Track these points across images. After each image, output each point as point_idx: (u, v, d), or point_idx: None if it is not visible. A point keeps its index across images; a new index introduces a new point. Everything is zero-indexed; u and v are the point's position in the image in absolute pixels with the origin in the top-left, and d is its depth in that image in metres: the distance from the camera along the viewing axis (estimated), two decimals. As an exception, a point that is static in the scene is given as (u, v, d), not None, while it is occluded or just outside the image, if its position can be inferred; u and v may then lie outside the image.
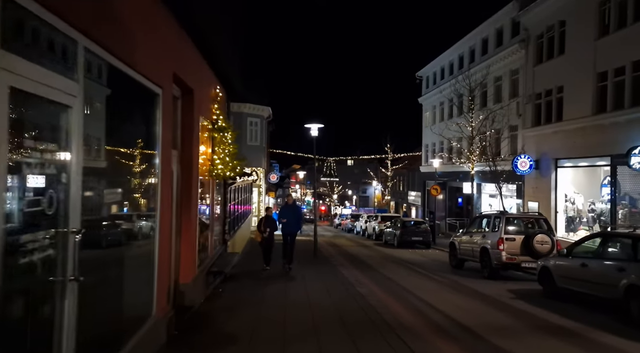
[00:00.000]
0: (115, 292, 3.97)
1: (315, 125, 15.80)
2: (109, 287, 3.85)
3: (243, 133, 31.38)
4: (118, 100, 4.02)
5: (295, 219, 12.41)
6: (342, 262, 15.64)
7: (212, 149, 8.50)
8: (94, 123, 3.49)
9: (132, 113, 4.60)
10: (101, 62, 3.59)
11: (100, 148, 3.76)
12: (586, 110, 18.49)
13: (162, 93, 4.97)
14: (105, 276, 3.79)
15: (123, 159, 4.22)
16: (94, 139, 3.56)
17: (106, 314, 3.77)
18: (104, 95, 3.77)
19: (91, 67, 3.40)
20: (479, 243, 12.47)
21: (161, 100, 4.97)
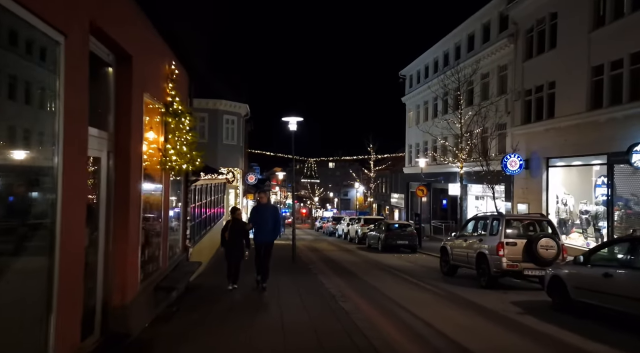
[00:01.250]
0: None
1: (293, 119, 14.38)
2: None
3: (219, 131, 29.78)
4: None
5: (270, 224, 9.36)
6: (323, 269, 14.22)
7: (165, 136, 6.99)
8: None
9: (12, 68, 3.10)
10: None
11: None
12: (580, 107, 17.54)
13: (64, 42, 3.48)
14: None
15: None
16: None
17: None
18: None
19: None
20: (475, 249, 11.21)
21: (63, 53, 3.48)
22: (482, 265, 10.86)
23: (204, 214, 12.35)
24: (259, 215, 9.52)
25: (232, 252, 9.23)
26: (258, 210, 9.76)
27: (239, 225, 9.35)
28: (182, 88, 8.15)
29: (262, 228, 9.40)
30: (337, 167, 76.62)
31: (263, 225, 9.38)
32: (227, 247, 9.30)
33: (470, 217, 28.18)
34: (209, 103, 28.98)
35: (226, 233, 9.28)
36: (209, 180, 12.42)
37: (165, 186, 7.21)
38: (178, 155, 6.94)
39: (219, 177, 14.00)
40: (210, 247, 13.39)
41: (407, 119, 39.88)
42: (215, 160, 28.42)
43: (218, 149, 29.35)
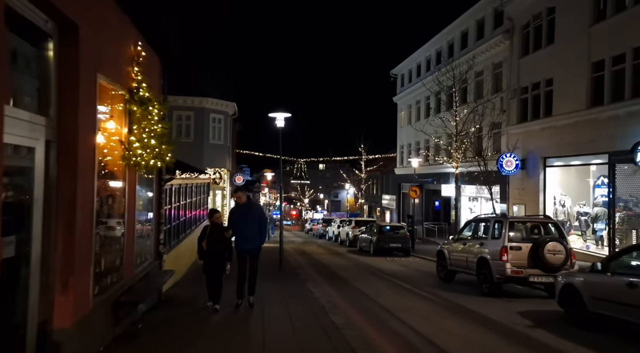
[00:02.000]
0: None
1: (281, 115, 13.48)
2: None
3: (205, 130, 28.75)
4: None
5: (254, 227, 7.90)
6: (313, 275, 13.33)
7: (129, 127, 6.06)
8: None
9: None
10: None
11: None
12: (579, 104, 16.90)
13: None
14: None
15: None
16: None
17: None
18: None
19: None
20: (476, 253, 10.40)
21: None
22: (483, 271, 10.06)
23: (182, 217, 11.38)
24: (240, 217, 7.89)
25: (212, 264, 7.65)
26: (238, 212, 8.04)
27: (218, 231, 7.71)
28: (151, 74, 7.22)
29: (244, 234, 7.84)
30: (328, 168, 75.85)
31: (246, 229, 7.83)
32: (206, 258, 7.72)
33: (467, 219, 27.71)
34: (194, 101, 27.98)
35: (204, 242, 7.63)
36: (189, 179, 11.45)
37: (130, 185, 6.27)
38: (144, 149, 6.01)
39: (200, 176, 13.03)
40: (191, 253, 12.43)
41: (399, 118, 39.19)
42: (201, 160, 27.42)
43: (204, 148, 28.36)
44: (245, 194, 8.34)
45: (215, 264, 7.64)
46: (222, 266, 7.68)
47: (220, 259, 7.66)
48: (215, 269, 7.66)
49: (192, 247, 12.92)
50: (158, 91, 7.76)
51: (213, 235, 7.66)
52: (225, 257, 7.71)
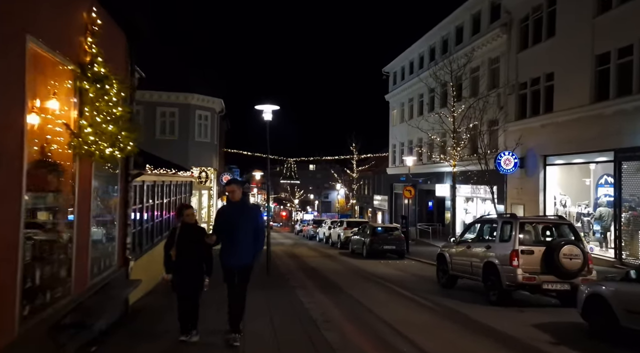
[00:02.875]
0: None
1: (268, 107, 12.44)
2: None
3: (190, 128, 27.57)
4: None
5: (247, 237, 5.82)
6: (303, 280, 12.30)
7: (80, 109, 4.99)
8: None
9: None
10: None
11: None
12: (582, 99, 16.11)
13: None
14: None
15: None
16: None
17: None
18: None
19: None
20: (482, 257, 9.46)
21: None
22: (491, 277, 9.12)
23: (158, 218, 10.26)
24: (231, 220, 5.78)
25: (184, 279, 5.70)
26: (229, 212, 5.92)
27: (192, 234, 5.79)
28: (114, 50, 6.16)
29: (234, 244, 5.74)
30: (318, 169, 74.87)
31: (237, 237, 5.72)
32: (175, 272, 5.76)
33: (462, 220, 26.93)
34: (179, 97, 26.82)
35: (172, 251, 5.71)
36: (166, 176, 10.36)
37: (83, 179, 5.21)
38: (99, 135, 4.95)
39: (180, 174, 11.92)
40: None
41: (391, 117, 38.34)
42: (187, 158, 26.24)
43: (189, 146, 27.20)
44: (241, 189, 6.01)
45: (189, 281, 5.69)
46: (198, 283, 5.78)
47: (196, 273, 5.74)
48: (189, 288, 5.72)
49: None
50: (124, 71, 6.68)
51: (184, 239, 5.71)
52: (202, 270, 5.82)
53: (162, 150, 20.94)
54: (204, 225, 29.05)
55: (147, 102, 26.22)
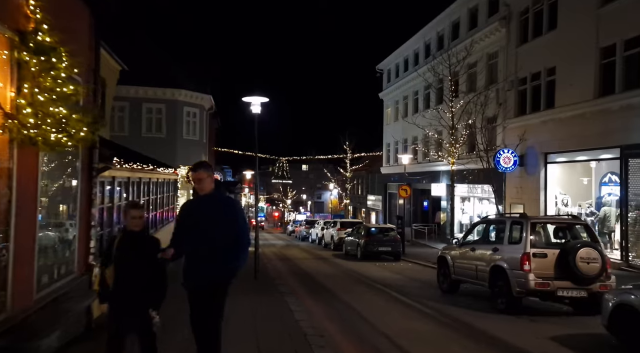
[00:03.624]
0: None
1: (257, 99, 11.57)
2: None
3: (178, 125, 26.57)
4: None
5: (226, 240, 4.14)
6: (294, 286, 11.45)
7: (18, 86, 4.11)
8: None
9: None
10: None
11: None
12: (586, 94, 15.42)
13: None
14: None
15: None
16: None
17: None
18: None
19: None
20: (488, 261, 8.67)
21: None
22: (498, 282, 8.34)
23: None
24: (198, 223, 4.13)
25: (122, 313, 4.05)
26: (195, 212, 4.22)
27: (137, 248, 4.14)
28: (70, 20, 5.27)
29: (204, 255, 4.10)
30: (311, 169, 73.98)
31: (208, 246, 4.08)
32: (111, 302, 4.15)
33: (459, 220, 26.22)
34: (166, 93, 25.83)
35: (108, 271, 4.13)
36: (143, 172, 9.47)
37: (23, 171, 4.32)
38: (41, 117, 4.07)
39: (159, 170, 11.02)
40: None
41: (385, 115, 37.61)
42: (174, 156, 25.25)
43: (177, 144, 26.22)
44: (211, 176, 4.24)
45: (128, 317, 4.02)
46: (144, 319, 4.06)
47: (139, 306, 4.04)
48: (129, 325, 4.04)
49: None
50: (86, 49, 5.79)
51: (126, 254, 4.06)
52: (149, 300, 4.11)
53: (148, 148, 20.05)
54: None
55: (132, 98, 25.25)
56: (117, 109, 25.25)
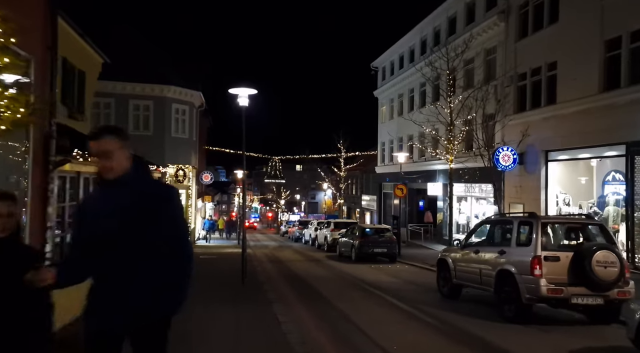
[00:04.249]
0: None
1: (244, 91, 10.80)
2: None
3: (166, 122, 25.69)
4: None
5: (152, 251, 2.56)
6: (284, 291, 10.69)
7: None
8: None
9: None
10: None
11: None
12: (590, 88, 14.80)
13: None
14: None
15: None
16: None
17: None
18: None
19: None
20: (494, 265, 7.97)
21: None
22: (505, 288, 7.63)
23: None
24: (101, 222, 2.53)
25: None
26: (97, 205, 2.64)
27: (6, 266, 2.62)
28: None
29: (112, 277, 2.54)
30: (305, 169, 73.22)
31: (118, 262, 2.53)
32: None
33: (456, 220, 25.53)
34: (154, 89, 24.96)
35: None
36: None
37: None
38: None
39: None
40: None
41: (380, 114, 36.94)
42: (162, 155, 24.42)
43: (166, 142, 25.37)
44: (125, 147, 2.68)
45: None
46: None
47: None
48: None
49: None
50: (40, 20, 4.99)
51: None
52: (15, 346, 2.63)
53: (135, 146, 19.04)
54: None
55: (118, 94, 24.37)
56: (102, 105, 24.38)
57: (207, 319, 6.97)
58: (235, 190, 64.22)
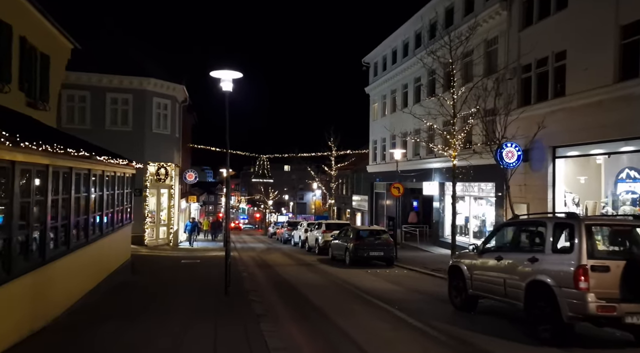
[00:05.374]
0: None
1: (228, 74, 9.39)
2: None
3: (147, 117, 24.05)
4: None
5: None
6: (273, 303, 9.32)
7: None
8: None
9: None
10: None
11: None
12: (604, 78, 13.68)
13: None
14: None
15: None
16: None
17: None
18: None
19: None
20: (524, 274, 6.70)
21: None
22: (539, 303, 6.38)
23: (56, 221, 7.05)
24: None
25: None
26: None
27: None
28: None
29: None
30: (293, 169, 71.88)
31: None
32: None
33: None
34: (133, 81, 23.33)
35: None
36: (72, 160, 7.21)
37: None
38: None
39: (102, 159, 8.71)
40: (81, 279, 8.20)
41: (372, 111, 35.70)
42: (142, 152, 22.83)
43: (146, 138, 23.78)
44: None
45: None
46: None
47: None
48: None
49: (85, 268, 8.60)
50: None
51: None
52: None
53: (113, 142, 17.44)
54: (163, 228, 25.68)
55: (94, 86, 22.72)
56: (77, 98, 22.72)
57: (179, 344, 5.59)
58: (222, 190, 62.47)
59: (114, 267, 11.32)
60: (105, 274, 10.35)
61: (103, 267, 10.09)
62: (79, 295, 8.22)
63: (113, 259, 11.30)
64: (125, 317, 7.42)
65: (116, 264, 11.57)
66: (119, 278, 10.93)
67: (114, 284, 10.51)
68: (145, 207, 23.62)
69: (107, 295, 9.33)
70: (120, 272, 11.45)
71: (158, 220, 24.97)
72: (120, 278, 11.15)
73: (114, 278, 10.72)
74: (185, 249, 24.84)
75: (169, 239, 25.41)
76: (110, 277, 10.58)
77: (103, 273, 10.08)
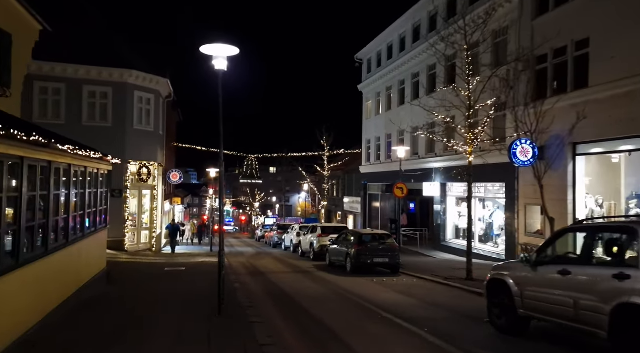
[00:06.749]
0: None
1: (222, 50, 7.82)
2: None
3: (127, 112, 22.17)
4: None
5: None
6: (274, 322, 7.76)
7: None
8: None
9: None
10: None
11: None
12: (635, 67, 12.47)
13: None
14: None
15: None
16: None
17: None
18: None
19: None
20: (607, 295, 5.26)
21: None
22: (632, 331, 4.92)
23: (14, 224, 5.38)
24: None
25: None
26: None
27: None
28: None
29: None
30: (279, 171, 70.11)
31: None
32: None
33: (455, 224, 22.90)
34: (113, 74, 21.49)
35: None
36: (31, 149, 5.57)
37: None
38: None
39: (67, 149, 7.03)
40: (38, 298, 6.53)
41: (365, 109, 34.33)
42: (123, 149, 20.98)
43: (127, 135, 21.95)
44: None
45: None
46: None
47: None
48: None
49: (43, 284, 6.89)
50: None
51: None
52: None
53: (90, 139, 15.37)
54: (145, 232, 23.76)
55: (70, 78, 20.80)
56: (51, 91, 20.79)
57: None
58: (207, 192, 60.36)
59: (85, 279, 9.61)
60: (74, 288, 8.65)
61: (70, 280, 8.39)
62: (35, 318, 6.54)
63: (84, 270, 9.58)
64: (89, 349, 5.78)
65: (88, 276, 9.86)
66: (89, 293, 9.22)
67: (84, 299, 8.81)
68: (126, 209, 21.77)
69: (71, 317, 7.64)
70: (92, 285, 9.73)
71: (140, 223, 23.11)
72: (92, 292, 9.44)
73: (84, 293, 9.02)
74: (167, 255, 23.01)
75: (152, 244, 23.57)
76: (80, 291, 8.88)
77: (71, 287, 8.38)
